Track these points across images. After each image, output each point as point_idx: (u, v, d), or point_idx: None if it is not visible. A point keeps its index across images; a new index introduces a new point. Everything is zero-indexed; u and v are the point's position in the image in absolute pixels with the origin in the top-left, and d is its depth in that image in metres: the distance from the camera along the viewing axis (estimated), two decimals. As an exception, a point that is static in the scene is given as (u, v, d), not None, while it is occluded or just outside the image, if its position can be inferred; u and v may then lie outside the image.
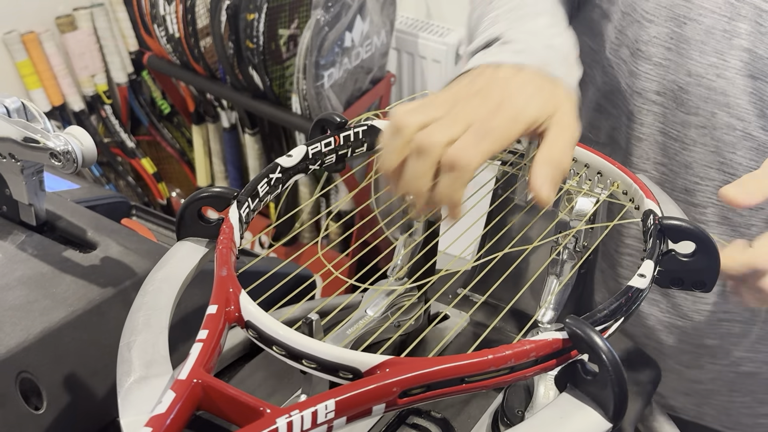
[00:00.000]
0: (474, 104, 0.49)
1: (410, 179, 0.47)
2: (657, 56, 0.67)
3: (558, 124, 0.50)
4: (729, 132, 0.66)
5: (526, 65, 0.53)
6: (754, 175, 0.53)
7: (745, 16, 0.62)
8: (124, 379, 0.39)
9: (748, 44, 0.62)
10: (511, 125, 0.48)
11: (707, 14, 0.63)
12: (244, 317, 0.41)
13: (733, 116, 0.65)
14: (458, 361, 0.38)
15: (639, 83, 0.69)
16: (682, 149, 0.69)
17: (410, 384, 0.37)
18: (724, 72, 0.64)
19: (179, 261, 0.49)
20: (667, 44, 0.66)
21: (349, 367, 0.38)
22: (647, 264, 0.47)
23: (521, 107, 0.49)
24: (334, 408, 0.36)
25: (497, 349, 0.38)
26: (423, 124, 0.48)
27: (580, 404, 0.40)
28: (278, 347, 0.40)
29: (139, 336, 0.42)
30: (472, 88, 0.51)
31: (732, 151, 0.66)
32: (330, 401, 0.36)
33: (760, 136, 0.65)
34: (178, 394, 0.36)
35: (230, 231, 0.48)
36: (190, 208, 0.50)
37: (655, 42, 0.67)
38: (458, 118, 0.48)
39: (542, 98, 0.51)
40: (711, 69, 0.64)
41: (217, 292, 0.42)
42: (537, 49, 0.55)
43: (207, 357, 0.38)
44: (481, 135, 0.47)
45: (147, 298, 0.45)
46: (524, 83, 0.51)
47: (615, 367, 0.38)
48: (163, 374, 0.39)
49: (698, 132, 0.67)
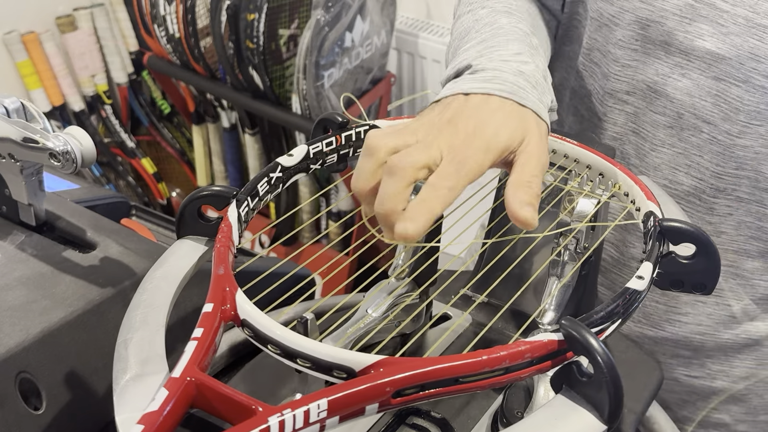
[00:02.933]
0: (447, 133, 0.49)
1: (384, 199, 0.47)
2: (625, 58, 0.68)
3: (525, 153, 0.50)
4: (695, 134, 0.66)
5: (495, 93, 0.53)
6: None
7: (706, 16, 0.63)
8: (120, 377, 0.39)
9: (711, 46, 0.63)
10: (483, 155, 0.48)
11: (669, 16, 0.64)
12: (240, 316, 0.41)
13: (699, 118, 0.65)
14: (452, 361, 0.38)
15: (610, 84, 0.70)
16: (651, 150, 0.70)
17: (403, 384, 0.37)
18: (689, 72, 0.65)
19: (178, 259, 0.49)
20: (633, 46, 0.67)
21: (342, 366, 0.38)
22: (645, 266, 0.46)
23: (491, 136, 0.49)
24: (326, 407, 0.36)
25: (492, 349, 0.38)
26: (396, 148, 0.48)
27: (575, 406, 0.39)
28: (273, 346, 0.40)
29: (136, 334, 0.42)
30: (443, 117, 0.51)
31: (698, 154, 0.67)
32: (322, 400, 0.36)
33: (725, 140, 0.65)
34: (171, 392, 0.36)
35: (228, 230, 0.48)
36: (190, 207, 0.50)
37: (621, 44, 0.68)
38: (432, 144, 0.48)
39: (511, 127, 0.51)
40: (677, 69, 0.65)
41: (213, 291, 0.42)
42: (506, 76, 0.55)
43: (201, 355, 0.38)
44: (457, 164, 0.47)
45: (145, 295, 0.45)
46: (493, 112, 0.51)
47: (610, 369, 0.38)
48: (158, 372, 0.39)
49: (666, 132, 0.68)
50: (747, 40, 0.62)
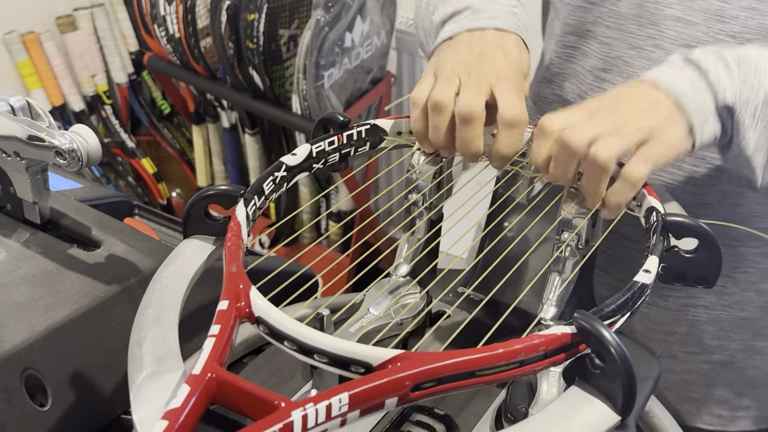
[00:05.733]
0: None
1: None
2: (601, 35, 0.71)
3: None
4: None
5: (506, 30, 0.60)
6: None
7: None
8: (135, 375, 0.39)
9: (680, 13, 0.66)
10: None
11: None
12: (254, 313, 0.42)
13: None
14: (469, 355, 0.38)
15: (589, 62, 0.73)
16: None
17: (422, 378, 0.37)
18: (662, 43, 0.68)
19: (187, 258, 0.49)
20: (607, 23, 0.70)
21: (361, 361, 0.38)
22: (652, 259, 0.47)
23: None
24: (347, 401, 0.36)
25: (508, 343, 0.39)
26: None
27: (589, 397, 0.40)
28: (290, 342, 0.40)
29: (150, 332, 0.42)
30: None
31: None
32: (344, 394, 0.36)
33: None
34: (193, 388, 0.36)
35: (238, 228, 0.48)
36: (197, 206, 0.50)
37: (598, 22, 0.71)
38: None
39: None
40: (649, 41, 0.68)
41: (227, 288, 0.42)
42: (506, 17, 0.62)
43: (220, 351, 0.38)
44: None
45: (155, 294, 0.45)
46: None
47: (624, 360, 0.38)
48: (174, 370, 0.40)
49: None
50: (712, 4, 0.64)
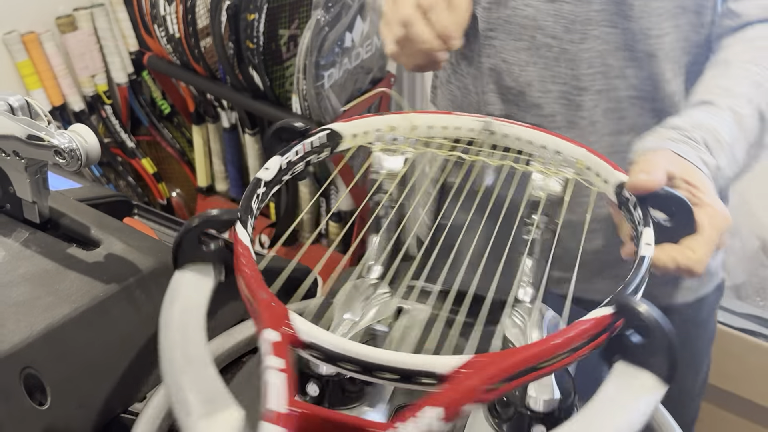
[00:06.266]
0: None
1: None
2: (484, 2, 0.82)
3: None
4: (549, 50, 0.80)
5: None
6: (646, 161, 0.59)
7: None
8: (185, 420, 0.38)
9: None
10: None
11: None
12: (302, 339, 0.40)
13: (547, 36, 0.79)
14: (532, 350, 0.38)
15: (479, 25, 0.83)
16: (521, 71, 0.82)
17: (496, 379, 0.37)
18: (530, 1, 0.79)
19: (191, 291, 0.47)
20: None
21: (431, 372, 0.37)
22: (647, 232, 0.48)
23: None
24: (443, 415, 0.35)
25: (561, 332, 0.39)
26: None
27: (637, 371, 0.40)
28: (349, 364, 0.38)
29: (185, 375, 0.41)
30: None
31: (556, 64, 0.80)
32: (438, 408, 0.35)
33: (572, 48, 0.79)
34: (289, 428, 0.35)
35: (248, 252, 0.46)
36: (189, 235, 0.48)
37: None
38: None
39: None
40: (521, 1, 0.79)
41: (269, 317, 0.40)
42: None
43: (293, 385, 0.37)
44: None
45: (175, 333, 0.44)
46: None
47: (670, 332, 0.39)
48: (225, 408, 0.38)
49: (527, 54, 0.81)
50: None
